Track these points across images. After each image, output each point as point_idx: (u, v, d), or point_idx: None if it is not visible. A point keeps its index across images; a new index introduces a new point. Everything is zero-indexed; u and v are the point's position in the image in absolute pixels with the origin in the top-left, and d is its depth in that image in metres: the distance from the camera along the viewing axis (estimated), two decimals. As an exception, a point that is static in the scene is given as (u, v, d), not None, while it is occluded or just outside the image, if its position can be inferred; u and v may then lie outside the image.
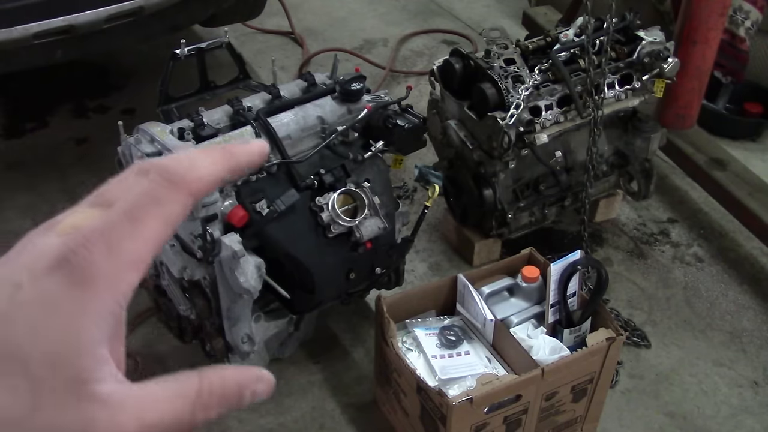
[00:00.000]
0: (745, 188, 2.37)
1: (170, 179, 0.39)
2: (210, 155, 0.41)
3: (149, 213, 0.39)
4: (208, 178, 0.41)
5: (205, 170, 0.41)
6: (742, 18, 2.75)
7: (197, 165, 0.41)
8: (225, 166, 0.42)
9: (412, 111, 1.82)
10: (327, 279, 1.69)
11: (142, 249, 0.39)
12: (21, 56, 2.21)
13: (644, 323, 2.19)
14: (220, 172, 0.41)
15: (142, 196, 0.39)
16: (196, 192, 0.40)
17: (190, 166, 0.40)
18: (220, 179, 0.41)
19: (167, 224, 0.39)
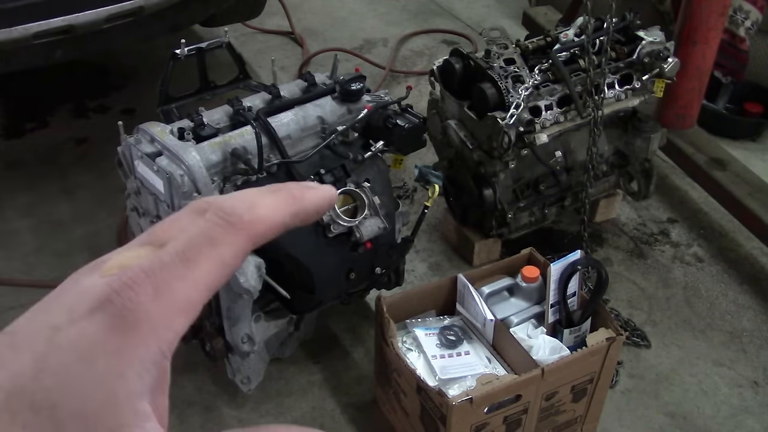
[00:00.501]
0: (745, 188, 2.37)
1: (229, 220, 0.36)
2: (275, 197, 0.38)
3: (203, 255, 0.35)
4: (270, 222, 0.37)
5: (267, 212, 0.37)
6: (742, 18, 2.75)
7: (259, 206, 0.37)
8: (290, 210, 0.38)
9: (412, 111, 1.82)
10: (327, 279, 1.69)
11: (193, 293, 0.35)
12: (21, 56, 2.21)
13: (644, 323, 2.19)
14: (285, 216, 0.38)
15: (197, 236, 0.35)
16: (255, 236, 0.36)
17: (251, 207, 0.37)
18: (283, 224, 0.38)
19: (222, 268, 0.35)
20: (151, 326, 0.33)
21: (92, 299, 0.34)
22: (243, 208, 0.36)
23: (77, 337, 0.33)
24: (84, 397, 0.32)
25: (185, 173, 1.50)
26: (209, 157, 1.57)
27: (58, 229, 2.49)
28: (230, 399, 1.94)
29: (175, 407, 1.93)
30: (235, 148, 1.59)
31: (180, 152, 1.52)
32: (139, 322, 0.33)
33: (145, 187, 1.65)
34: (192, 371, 2.00)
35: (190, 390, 1.97)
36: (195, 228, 0.36)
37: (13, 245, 2.42)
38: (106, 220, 2.50)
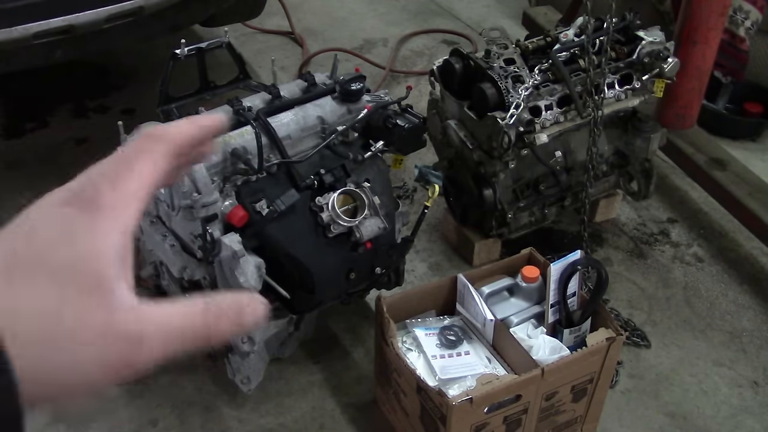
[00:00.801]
0: (745, 188, 2.37)
1: (150, 135, 0.49)
2: (179, 122, 0.52)
3: (140, 158, 0.48)
4: (180, 133, 0.50)
5: (176, 128, 0.50)
6: (742, 18, 2.75)
7: (170, 127, 0.50)
8: (192, 126, 0.51)
9: (412, 111, 1.81)
10: (327, 279, 1.69)
11: (138, 184, 0.47)
12: (21, 56, 2.21)
13: (644, 323, 2.19)
14: (189, 129, 0.51)
15: (133, 148, 0.48)
16: (172, 141, 0.49)
17: (164, 128, 0.50)
18: (190, 135, 0.51)
19: (155, 165, 0.48)
20: (113, 208, 0.45)
21: (61, 197, 0.45)
22: (159, 129, 0.50)
23: (56, 218, 0.44)
24: (70, 254, 0.42)
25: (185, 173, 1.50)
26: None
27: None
28: (230, 399, 1.94)
29: (175, 407, 1.93)
30: (235, 148, 1.59)
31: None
32: (104, 206, 0.45)
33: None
34: (192, 371, 2.00)
35: (190, 390, 1.97)
36: (129, 146, 0.49)
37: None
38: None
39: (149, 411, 1.92)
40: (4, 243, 0.43)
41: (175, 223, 1.64)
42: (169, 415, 1.91)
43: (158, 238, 1.68)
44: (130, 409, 1.92)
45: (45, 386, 0.42)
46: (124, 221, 0.45)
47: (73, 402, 0.44)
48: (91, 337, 0.42)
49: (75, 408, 1.89)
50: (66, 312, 0.41)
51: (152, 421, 1.90)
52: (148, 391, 1.96)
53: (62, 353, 0.42)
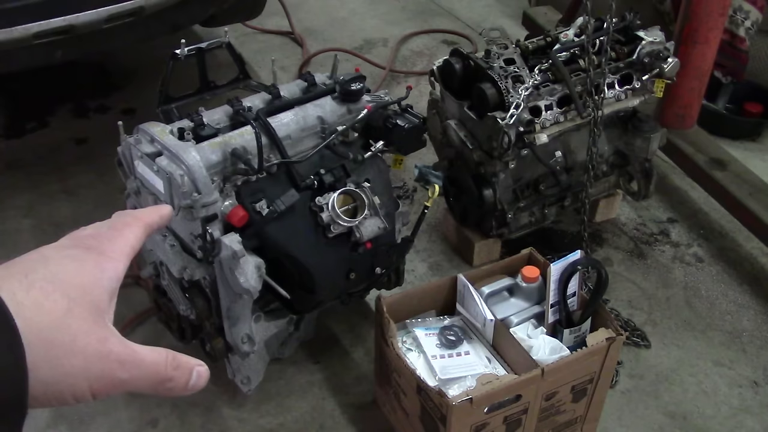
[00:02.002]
0: (745, 188, 2.37)
1: (133, 216, 0.64)
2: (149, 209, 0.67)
3: (126, 229, 0.62)
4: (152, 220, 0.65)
5: (150, 215, 0.65)
6: (742, 18, 2.75)
7: (142, 211, 0.65)
8: (158, 218, 0.66)
9: (412, 111, 1.81)
10: (327, 279, 1.69)
11: (128, 247, 0.60)
12: (21, 56, 2.21)
13: (644, 323, 2.19)
14: (157, 219, 0.66)
15: (119, 221, 0.62)
16: (149, 224, 0.64)
17: (142, 212, 0.65)
18: (157, 223, 0.66)
19: (136, 237, 0.61)
20: (113, 257, 0.57)
21: (68, 244, 0.57)
22: (138, 214, 0.64)
23: (67, 254, 0.55)
24: (79, 278, 0.53)
25: (185, 173, 1.50)
26: (209, 157, 1.56)
27: (58, 229, 2.49)
28: (230, 399, 1.94)
29: (175, 407, 1.93)
30: (235, 148, 1.59)
31: (180, 152, 1.52)
32: (106, 253, 0.57)
33: (145, 187, 1.65)
34: (192, 371, 2.00)
35: (190, 390, 1.96)
36: (115, 219, 0.63)
37: (13, 245, 2.42)
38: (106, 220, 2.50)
39: (149, 411, 1.92)
40: (24, 264, 0.53)
41: (175, 223, 1.64)
42: (169, 415, 1.91)
43: (158, 238, 1.68)
44: (130, 409, 1.92)
45: (43, 383, 0.49)
46: (119, 269, 0.57)
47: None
48: (88, 346, 0.51)
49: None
50: (71, 323, 0.50)
51: (152, 421, 1.90)
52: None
53: (62, 357, 0.49)
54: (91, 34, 2.23)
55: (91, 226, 0.61)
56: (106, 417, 1.90)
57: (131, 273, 2.21)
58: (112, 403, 1.93)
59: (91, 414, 1.90)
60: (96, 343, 0.51)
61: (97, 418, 1.89)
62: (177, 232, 1.66)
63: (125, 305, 2.13)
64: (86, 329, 0.51)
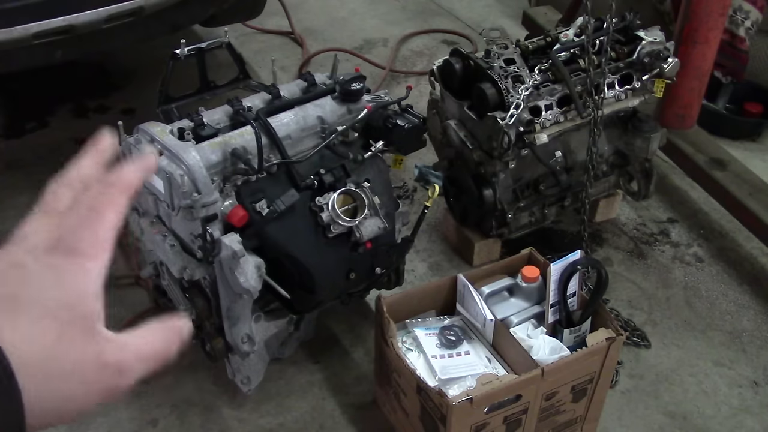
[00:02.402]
0: (745, 188, 2.37)
1: (114, 185, 0.57)
2: (129, 166, 0.59)
3: (108, 208, 0.55)
4: (136, 180, 0.58)
5: (132, 176, 0.58)
6: (742, 18, 2.75)
7: (126, 173, 0.58)
8: (142, 172, 0.59)
9: (412, 111, 1.81)
10: (327, 279, 1.69)
11: (109, 232, 0.55)
12: (21, 56, 2.21)
13: (644, 323, 2.19)
14: (140, 176, 0.58)
15: (97, 197, 0.55)
16: (131, 188, 0.57)
17: (124, 176, 0.57)
18: (142, 180, 0.59)
19: (119, 214, 0.56)
20: (93, 254, 0.53)
21: (45, 245, 0.52)
22: (120, 179, 0.57)
23: (47, 264, 0.51)
24: (65, 295, 0.50)
25: (185, 173, 1.50)
26: (209, 157, 1.57)
27: (58, 229, 2.49)
28: (230, 399, 1.94)
29: (175, 407, 1.93)
30: (235, 148, 1.59)
31: (180, 152, 1.52)
32: (85, 252, 0.53)
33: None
34: (192, 371, 2.00)
35: (190, 390, 1.97)
36: (91, 194, 0.56)
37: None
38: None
39: (149, 411, 1.92)
40: (4, 287, 0.50)
41: (175, 223, 1.64)
42: (169, 415, 1.91)
43: (158, 238, 1.68)
44: (130, 409, 1.92)
45: (43, 413, 0.48)
46: (101, 264, 0.53)
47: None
48: (86, 368, 0.50)
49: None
50: (64, 348, 0.49)
51: (152, 421, 1.90)
52: (148, 391, 1.96)
53: (61, 384, 0.49)
54: (91, 34, 2.23)
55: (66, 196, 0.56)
56: (106, 417, 1.90)
57: (131, 273, 2.21)
58: (111, 404, 1.92)
59: (90, 414, 1.90)
60: (92, 360, 0.50)
61: (97, 418, 1.89)
62: (177, 232, 1.66)
63: (125, 305, 2.13)
64: (81, 350, 0.50)
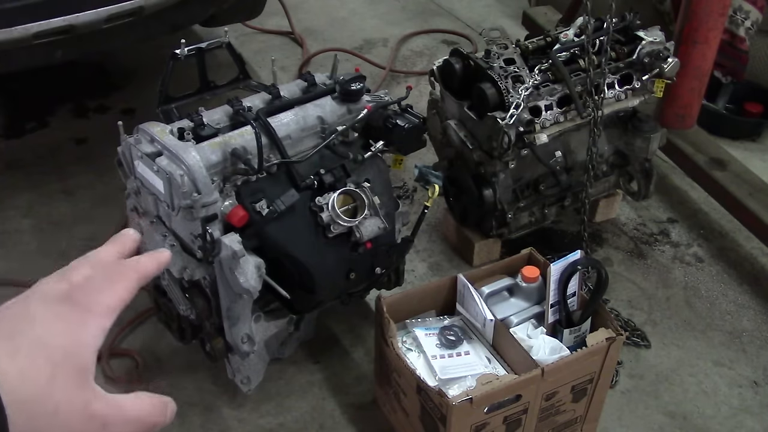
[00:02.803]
0: (745, 188, 2.37)
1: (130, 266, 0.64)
2: (147, 256, 0.66)
3: (120, 281, 0.61)
4: (149, 270, 0.65)
5: (147, 266, 0.65)
6: (742, 18, 2.75)
7: (141, 261, 0.65)
8: (155, 266, 0.66)
9: (412, 111, 1.81)
10: (327, 279, 1.69)
11: (118, 301, 0.60)
12: (21, 56, 2.21)
13: (644, 323, 2.19)
14: (154, 269, 0.65)
15: (114, 272, 0.62)
16: (144, 275, 0.64)
17: (138, 263, 0.64)
18: (154, 272, 0.65)
19: (129, 291, 0.61)
20: (100, 314, 0.57)
21: (57, 296, 0.57)
22: (136, 265, 0.64)
23: (54, 313, 0.55)
24: (64, 342, 0.53)
25: (185, 173, 1.50)
26: (209, 157, 1.56)
27: (58, 229, 2.49)
28: (230, 399, 1.94)
29: (175, 407, 1.93)
30: (235, 148, 1.59)
31: (180, 152, 1.52)
32: (93, 311, 0.57)
33: (145, 187, 1.65)
34: (192, 371, 2.00)
35: (190, 390, 1.97)
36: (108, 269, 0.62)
37: (13, 245, 2.42)
38: (106, 220, 2.50)
39: (149, 411, 1.91)
40: (10, 322, 0.53)
41: (175, 223, 1.63)
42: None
43: (158, 238, 1.68)
44: (130, 409, 1.92)
45: None
46: (105, 326, 0.57)
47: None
48: (72, 414, 0.52)
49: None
50: (55, 392, 0.51)
51: (152, 421, 1.90)
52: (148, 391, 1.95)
53: (46, 425, 0.51)
54: (91, 34, 2.23)
55: (86, 266, 0.61)
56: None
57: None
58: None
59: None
60: (80, 409, 0.52)
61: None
62: (177, 232, 1.66)
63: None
64: (69, 396, 0.52)
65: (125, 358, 2.03)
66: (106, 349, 2.02)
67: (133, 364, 2.01)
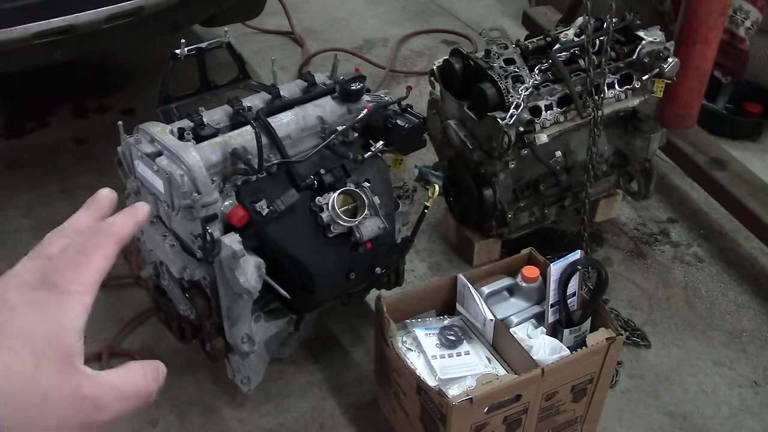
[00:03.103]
0: (745, 188, 2.37)
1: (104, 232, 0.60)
2: (122, 215, 0.62)
3: (96, 252, 0.58)
4: (126, 231, 0.61)
5: (123, 226, 0.61)
6: (742, 18, 2.75)
7: (117, 223, 0.61)
8: (133, 224, 0.62)
9: (412, 111, 1.81)
10: (327, 279, 1.69)
11: (96, 274, 0.57)
12: (21, 56, 2.21)
13: (644, 323, 2.19)
14: (132, 227, 0.62)
15: (88, 242, 0.58)
16: (121, 238, 0.60)
17: (114, 225, 0.61)
18: (132, 232, 0.61)
19: (108, 259, 0.58)
20: (78, 292, 0.55)
21: (31, 282, 0.54)
22: (111, 227, 0.60)
23: (31, 299, 0.53)
24: (45, 329, 0.52)
25: (185, 173, 1.50)
26: (209, 157, 1.56)
27: (58, 229, 2.49)
28: (230, 399, 1.94)
29: (175, 407, 1.93)
30: (235, 148, 1.59)
31: (180, 152, 1.52)
32: (71, 290, 0.55)
33: (145, 187, 1.65)
34: (192, 371, 2.00)
35: (190, 390, 1.97)
36: (83, 239, 0.59)
37: (13, 245, 2.42)
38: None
39: (149, 411, 1.92)
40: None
41: (175, 223, 1.63)
42: (169, 415, 1.91)
43: (158, 238, 1.68)
44: (130, 409, 1.92)
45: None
46: (86, 304, 0.55)
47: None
48: (61, 400, 0.51)
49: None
50: (41, 380, 0.50)
51: (152, 421, 1.90)
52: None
53: (36, 416, 0.50)
54: (91, 34, 2.23)
55: (59, 238, 0.59)
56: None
57: (131, 273, 2.21)
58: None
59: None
60: (69, 394, 0.52)
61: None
62: (177, 232, 1.66)
63: (125, 305, 2.13)
64: (57, 382, 0.51)
65: (125, 358, 2.03)
66: (106, 349, 2.02)
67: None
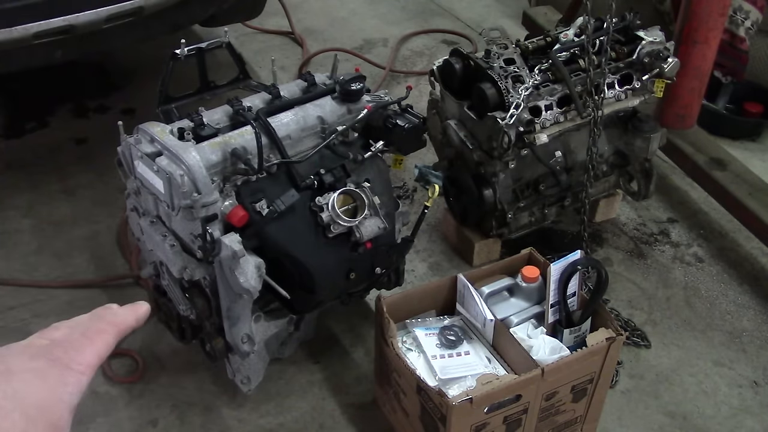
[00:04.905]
0: (745, 188, 2.37)
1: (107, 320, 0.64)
2: (125, 309, 0.66)
3: (98, 337, 0.62)
4: (127, 324, 0.65)
5: (124, 318, 0.65)
6: (742, 18, 2.75)
7: (120, 315, 0.65)
8: (134, 319, 0.66)
9: (412, 111, 1.81)
10: (327, 279, 1.69)
11: (96, 357, 0.60)
12: (21, 56, 2.21)
13: (644, 323, 2.19)
14: (133, 322, 0.66)
15: (91, 328, 0.62)
16: (122, 329, 0.64)
17: (116, 315, 0.65)
18: (133, 326, 0.66)
19: (108, 345, 0.62)
20: (78, 371, 0.58)
21: (33, 353, 0.57)
22: (114, 317, 0.65)
23: (32, 368, 0.56)
24: (40, 398, 0.54)
25: (185, 173, 1.50)
26: (209, 157, 1.56)
27: (58, 229, 2.49)
28: (230, 399, 1.94)
29: (175, 407, 1.93)
30: (235, 148, 1.59)
31: (180, 152, 1.52)
32: (72, 368, 0.58)
33: (145, 187, 1.65)
34: (192, 371, 2.00)
35: (190, 390, 1.97)
36: (87, 323, 0.63)
37: (13, 245, 2.42)
38: (106, 220, 2.50)
39: (149, 411, 1.92)
40: None
41: (175, 223, 1.63)
42: (169, 415, 1.91)
43: (158, 238, 1.68)
44: (130, 409, 1.92)
45: None
46: (83, 383, 0.58)
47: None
48: None
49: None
50: None
51: (152, 421, 1.90)
52: (148, 391, 1.96)
53: None
54: (91, 34, 2.23)
55: (65, 327, 0.62)
56: (106, 417, 1.90)
57: (131, 273, 2.21)
58: (111, 404, 1.93)
59: (90, 414, 1.90)
60: None
61: (97, 419, 1.89)
62: (177, 232, 1.66)
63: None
64: None
65: (125, 358, 2.03)
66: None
67: (133, 364, 2.01)
